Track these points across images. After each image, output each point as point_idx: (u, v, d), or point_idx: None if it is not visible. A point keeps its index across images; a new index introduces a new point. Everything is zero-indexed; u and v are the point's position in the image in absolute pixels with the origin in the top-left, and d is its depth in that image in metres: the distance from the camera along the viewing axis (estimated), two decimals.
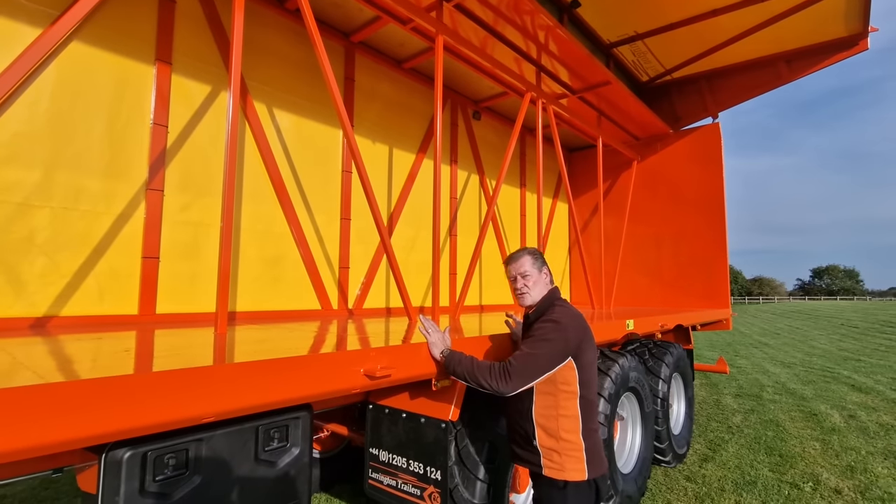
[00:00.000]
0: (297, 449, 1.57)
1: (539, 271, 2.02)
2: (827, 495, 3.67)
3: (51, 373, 1.19)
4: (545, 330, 1.82)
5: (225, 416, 1.28)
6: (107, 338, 2.02)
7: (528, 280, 2.00)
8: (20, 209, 2.43)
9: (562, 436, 1.81)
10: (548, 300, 1.98)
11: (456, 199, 5.21)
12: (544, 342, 1.79)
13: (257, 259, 3.42)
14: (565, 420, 1.82)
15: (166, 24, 3.02)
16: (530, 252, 2.07)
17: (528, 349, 1.81)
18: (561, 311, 1.88)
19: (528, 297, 2.00)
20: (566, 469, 1.80)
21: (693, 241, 6.11)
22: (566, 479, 1.79)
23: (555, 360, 1.80)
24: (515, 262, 2.05)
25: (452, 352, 1.87)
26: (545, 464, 1.83)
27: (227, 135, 2.36)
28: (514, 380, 1.75)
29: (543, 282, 2.02)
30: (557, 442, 1.81)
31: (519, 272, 2.03)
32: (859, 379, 8.64)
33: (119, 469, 1.18)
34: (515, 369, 1.75)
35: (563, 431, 1.82)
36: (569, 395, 1.83)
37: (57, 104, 2.57)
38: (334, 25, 4.00)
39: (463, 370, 1.81)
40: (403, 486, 2.07)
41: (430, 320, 1.96)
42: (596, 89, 5.19)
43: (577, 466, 1.80)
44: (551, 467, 1.82)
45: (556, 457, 1.81)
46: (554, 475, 1.81)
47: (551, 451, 1.82)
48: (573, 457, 1.80)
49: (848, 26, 5.23)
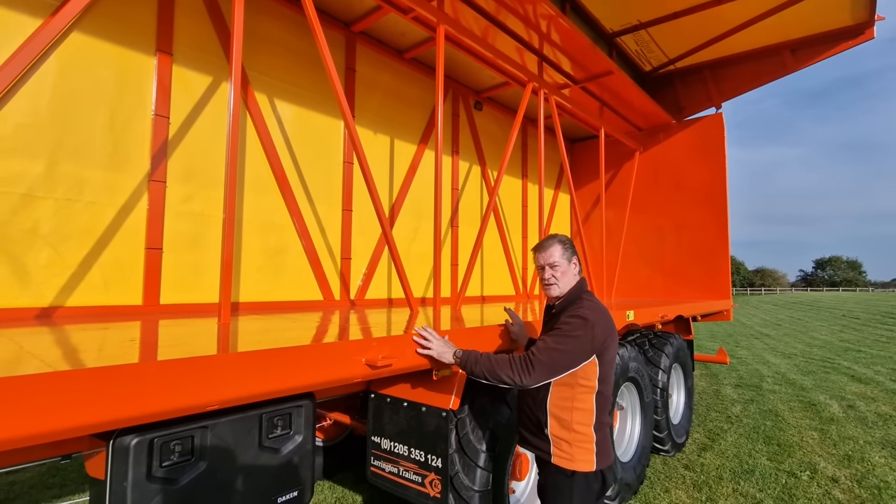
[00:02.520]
0: (301, 436, 1.60)
1: (569, 261, 1.94)
2: (823, 484, 3.72)
3: (58, 362, 1.22)
4: (573, 326, 1.77)
5: (229, 403, 1.31)
6: (112, 328, 2.04)
7: (557, 270, 1.92)
8: (24, 200, 2.45)
9: (574, 427, 1.80)
10: (575, 292, 1.91)
11: (457, 190, 5.21)
12: (572, 339, 1.74)
13: (260, 250, 3.44)
14: (579, 413, 1.81)
15: (167, 14, 3.01)
16: (560, 240, 1.98)
17: (554, 344, 1.75)
18: (589, 307, 1.83)
19: (556, 288, 1.93)
20: (576, 459, 1.80)
21: (695, 231, 6.10)
22: (574, 469, 1.80)
23: (580, 358, 1.76)
24: (544, 251, 1.96)
25: (466, 353, 1.82)
26: (555, 452, 1.83)
27: (229, 126, 2.36)
28: (537, 373, 1.71)
29: (572, 272, 1.95)
30: (569, 433, 1.81)
31: (548, 262, 1.94)
32: (859, 370, 8.67)
33: (127, 455, 1.21)
34: (539, 362, 1.71)
35: (576, 423, 1.81)
36: (586, 389, 1.81)
37: (59, 95, 2.57)
38: (335, 15, 3.97)
39: (482, 369, 1.76)
40: (405, 474, 2.10)
41: (427, 329, 1.87)
42: (598, 79, 5.15)
43: (586, 458, 1.80)
44: (561, 456, 1.82)
45: (566, 447, 1.81)
46: (563, 464, 1.81)
47: (562, 440, 1.82)
48: (583, 448, 1.80)
49: (854, 15, 5.17)
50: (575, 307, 1.84)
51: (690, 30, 5.60)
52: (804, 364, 9.27)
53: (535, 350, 1.75)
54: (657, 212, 6.44)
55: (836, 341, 13.07)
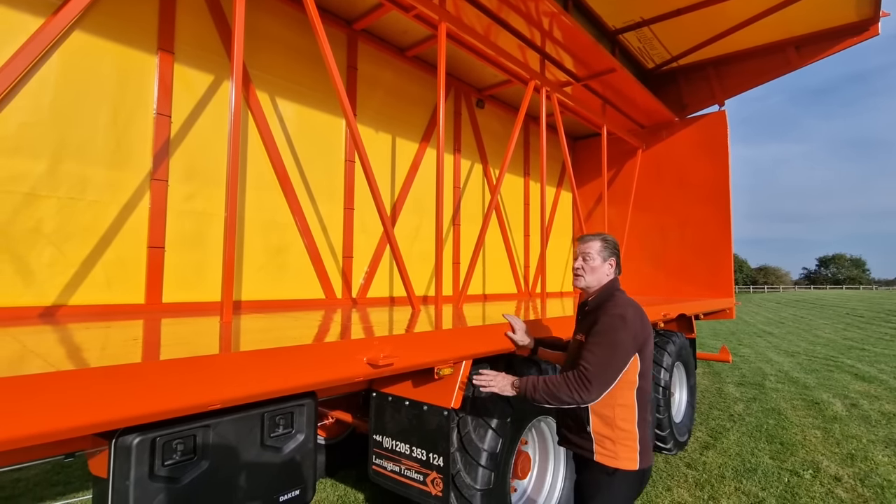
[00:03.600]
0: (302, 435, 1.60)
1: (604, 260, 1.97)
2: (826, 482, 3.71)
3: (61, 361, 1.22)
4: (614, 328, 1.78)
5: (231, 403, 1.31)
6: (115, 326, 2.05)
7: (588, 264, 1.96)
8: (27, 199, 2.45)
9: (618, 424, 1.81)
10: (607, 290, 1.95)
11: (459, 188, 5.21)
12: (617, 345, 1.76)
13: (261, 249, 3.44)
14: (622, 409, 1.81)
15: (168, 12, 3.01)
16: (603, 239, 2.02)
17: (602, 355, 1.75)
18: (624, 304, 1.85)
19: (582, 280, 1.98)
20: (619, 457, 1.79)
21: (697, 229, 6.08)
22: (617, 468, 1.79)
23: (627, 359, 1.78)
24: (584, 243, 2.02)
25: (523, 382, 1.83)
26: (597, 450, 1.83)
27: (230, 124, 2.36)
28: (595, 387, 1.71)
29: (604, 272, 1.97)
30: (612, 430, 1.81)
31: (583, 252, 2.00)
32: (863, 368, 8.64)
33: (129, 454, 1.22)
34: (594, 376, 1.71)
35: (619, 420, 1.81)
36: (628, 384, 1.81)
37: (61, 94, 2.57)
38: (336, 13, 3.97)
39: (542, 394, 1.77)
40: (407, 472, 2.11)
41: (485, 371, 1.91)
42: (601, 77, 5.13)
43: (630, 455, 1.80)
44: (603, 454, 1.81)
45: (609, 444, 1.81)
46: (605, 461, 1.81)
47: (605, 438, 1.82)
48: (627, 446, 1.80)
49: (858, 11, 5.13)
50: (609, 305, 1.86)
51: (694, 27, 5.57)
52: (807, 362, 9.24)
53: (586, 365, 1.74)
54: (660, 210, 6.42)
55: (840, 339, 13.02)
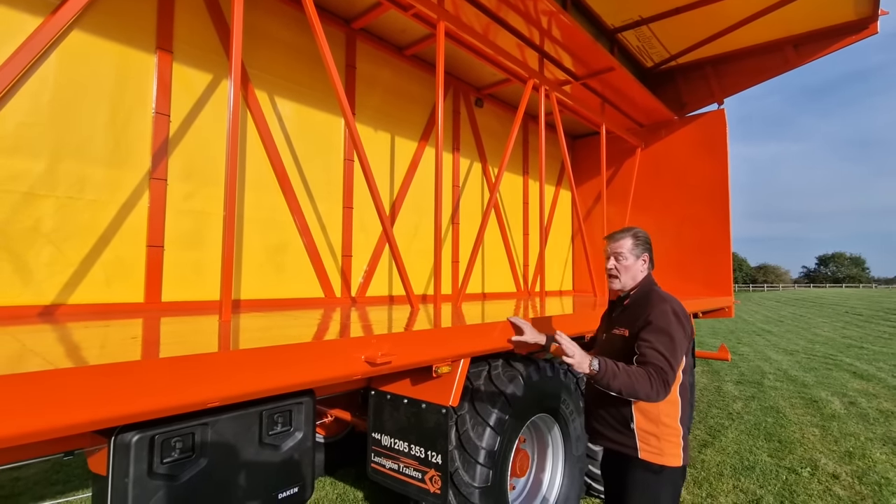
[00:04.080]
0: (301, 433, 1.61)
1: (637, 258, 1.90)
2: (824, 480, 3.72)
3: (59, 359, 1.23)
4: (669, 322, 1.74)
5: (229, 401, 1.32)
6: (114, 325, 2.05)
7: (621, 263, 1.89)
8: (26, 198, 2.46)
9: (662, 420, 1.77)
10: (646, 286, 1.89)
11: (458, 187, 5.21)
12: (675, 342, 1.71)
13: (260, 247, 3.44)
14: (667, 405, 1.78)
15: (167, 11, 3.01)
16: (634, 234, 1.93)
17: (667, 350, 1.69)
18: (669, 299, 1.82)
19: (617, 282, 1.91)
20: (665, 454, 1.76)
21: (696, 228, 6.09)
22: (663, 464, 1.75)
23: (682, 355, 1.76)
24: (615, 242, 1.94)
25: (603, 364, 1.69)
26: (641, 447, 1.78)
27: (229, 123, 2.36)
28: (670, 385, 1.68)
29: (638, 269, 1.91)
30: (657, 427, 1.77)
31: (615, 252, 1.91)
32: (861, 366, 8.66)
33: (128, 452, 1.22)
34: (669, 375, 1.67)
35: (664, 416, 1.77)
36: (675, 380, 1.77)
37: (59, 94, 2.57)
38: (335, 12, 3.96)
39: (619, 384, 1.66)
40: (405, 470, 2.12)
41: (566, 337, 1.75)
42: (599, 76, 5.13)
43: (675, 452, 1.76)
44: (648, 451, 1.77)
45: (654, 441, 1.77)
46: (651, 458, 1.77)
47: (650, 434, 1.78)
48: (672, 442, 1.77)
49: (857, 9, 5.13)
50: (655, 299, 1.82)
51: (692, 25, 5.57)
52: (806, 361, 9.26)
53: (660, 363, 1.68)
54: (658, 208, 6.43)
55: (839, 338, 13.04)
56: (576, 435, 2.78)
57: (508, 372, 2.42)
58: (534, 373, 2.50)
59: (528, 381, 2.42)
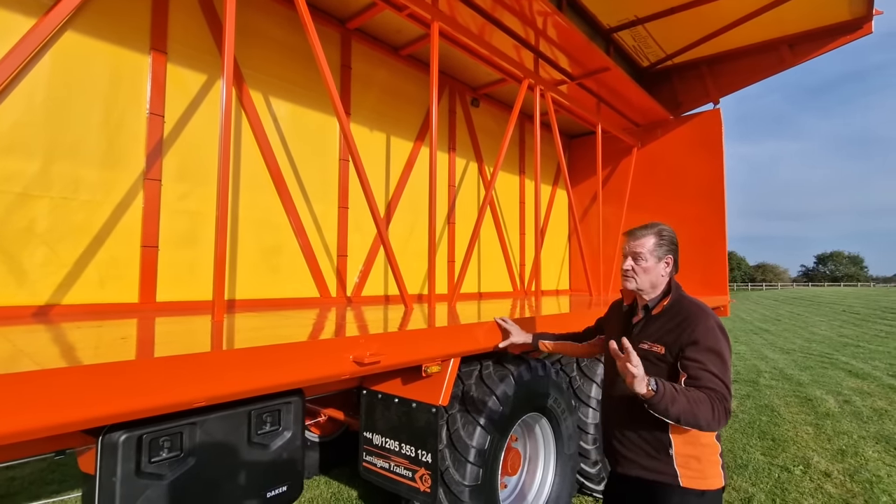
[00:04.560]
0: (290, 432, 1.62)
1: (658, 259, 1.72)
2: (816, 478, 3.74)
3: (48, 360, 1.24)
4: (718, 340, 1.58)
5: (217, 400, 1.33)
6: (106, 325, 2.07)
7: (640, 264, 1.71)
8: (20, 199, 2.47)
9: (701, 441, 1.60)
10: (674, 293, 1.72)
11: (454, 186, 5.22)
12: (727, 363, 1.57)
13: (256, 248, 3.46)
14: None
15: (161, 12, 3.02)
16: (658, 232, 1.74)
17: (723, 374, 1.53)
18: (710, 313, 1.66)
19: (633, 282, 1.73)
20: (708, 476, 1.60)
21: (692, 227, 6.10)
22: (706, 489, 1.59)
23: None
24: (636, 239, 1.74)
25: (661, 385, 1.46)
26: (683, 473, 1.59)
27: (221, 122, 2.37)
28: (730, 414, 1.51)
29: (659, 272, 1.72)
30: (697, 448, 1.60)
31: (634, 251, 1.73)
32: (857, 365, 8.68)
33: (115, 451, 1.24)
34: (729, 402, 1.51)
35: (703, 436, 1.60)
36: None
37: (54, 94, 2.59)
38: (330, 12, 3.97)
39: (678, 411, 1.45)
40: (396, 469, 2.13)
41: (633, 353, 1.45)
42: (595, 75, 5.14)
43: (716, 472, 1.61)
44: (691, 476, 1.59)
45: (695, 464, 1.60)
46: (694, 485, 1.59)
47: (690, 458, 1.60)
48: (712, 462, 1.61)
49: (852, 9, 5.15)
50: (695, 315, 1.64)
51: (688, 25, 5.58)
52: (802, 359, 9.29)
53: (719, 390, 1.51)
54: (655, 208, 6.44)
55: (836, 336, 13.07)
56: (567, 434, 2.80)
57: (500, 371, 2.44)
58: (525, 372, 2.51)
59: (518, 380, 2.44)
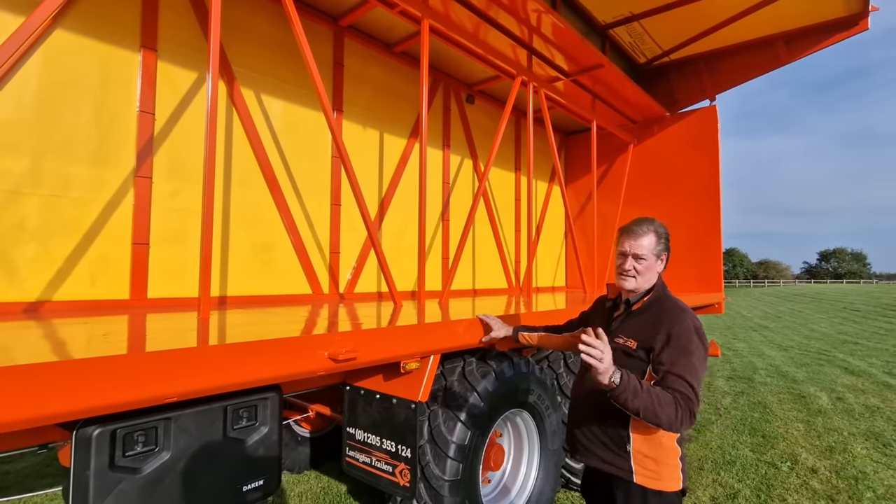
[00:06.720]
0: (267, 427, 1.65)
1: (657, 257, 1.72)
2: (802, 474, 3.77)
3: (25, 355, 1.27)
4: (692, 342, 1.57)
5: (191, 395, 1.36)
6: (92, 322, 2.10)
7: (641, 264, 1.69)
8: (10, 197, 2.50)
9: (663, 442, 1.62)
10: (658, 290, 1.72)
11: (448, 183, 5.23)
12: (701, 365, 1.56)
13: (247, 245, 3.48)
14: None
15: (151, 9, 3.03)
16: (657, 230, 1.73)
17: (695, 377, 1.53)
18: (689, 312, 1.66)
19: (633, 282, 1.71)
20: (663, 478, 1.61)
21: (687, 224, 6.10)
22: (661, 490, 1.61)
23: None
24: (636, 239, 1.70)
25: (625, 377, 1.45)
26: (637, 471, 1.63)
27: (207, 120, 2.38)
28: (695, 417, 1.51)
29: (655, 270, 1.73)
30: (656, 449, 1.62)
31: (634, 251, 1.70)
32: (854, 362, 8.69)
33: (89, 445, 1.27)
34: (695, 405, 1.50)
35: (664, 438, 1.62)
36: None
37: (43, 92, 2.61)
38: (322, 9, 3.97)
39: (640, 405, 1.44)
40: (377, 464, 2.17)
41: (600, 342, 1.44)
42: (590, 72, 5.13)
43: (673, 475, 1.62)
44: (645, 475, 1.62)
45: (651, 464, 1.62)
46: (647, 484, 1.61)
47: (646, 458, 1.62)
48: (670, 465, 1.62)
49: (847, 6, 5.12)
50: (672, 313, 1.65)
51: (684, 21, 5.56)
52: (799, 356, 9.29)
53: (685, 391, 1.50)
54: (650, 204, 6.43)
55: (835, 333, 13.07)
56: (551, 429, 2.83)
57: (482, 368, 2.46)
58: (507, 368, 2.54)
59: (501, 376, 2.47)
